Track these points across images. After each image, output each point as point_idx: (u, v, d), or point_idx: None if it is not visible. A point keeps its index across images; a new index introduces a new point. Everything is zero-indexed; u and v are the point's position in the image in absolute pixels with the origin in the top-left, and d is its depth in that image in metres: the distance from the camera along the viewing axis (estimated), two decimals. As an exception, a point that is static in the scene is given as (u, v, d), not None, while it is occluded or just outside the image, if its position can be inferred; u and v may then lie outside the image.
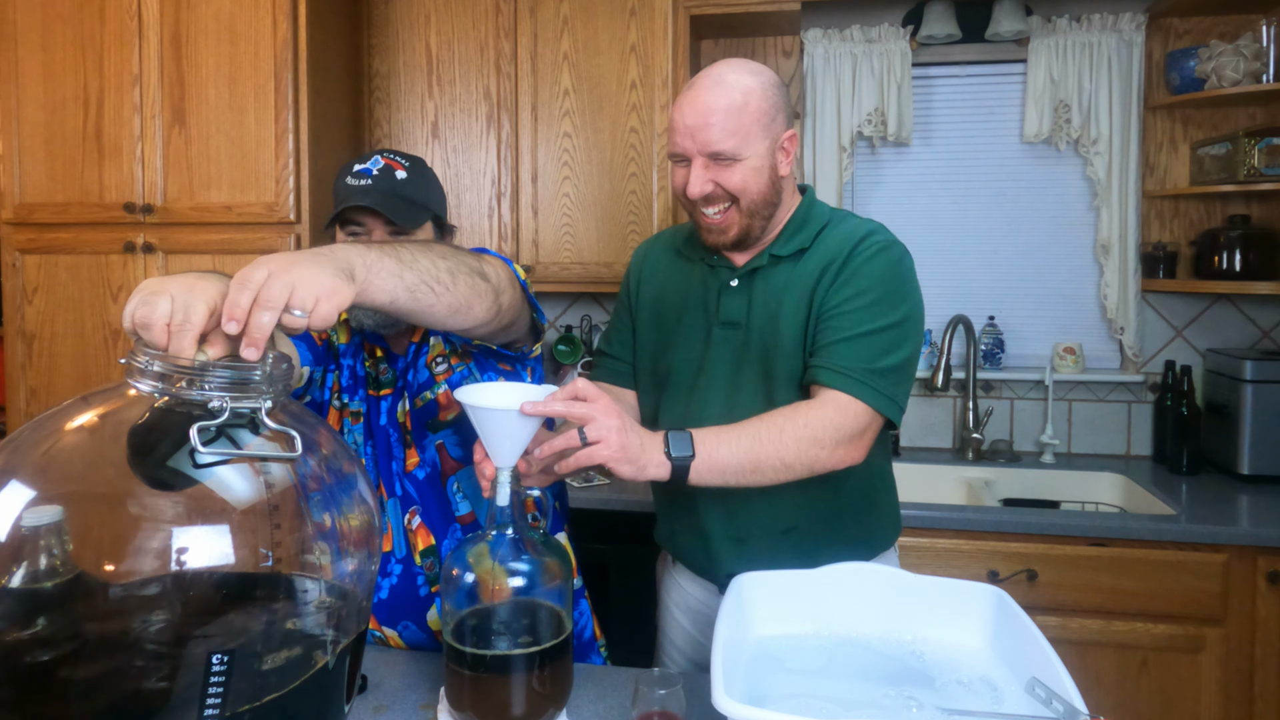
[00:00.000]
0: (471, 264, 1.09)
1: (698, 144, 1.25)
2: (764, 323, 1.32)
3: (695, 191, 1.27)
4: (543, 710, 1.03)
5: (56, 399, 2.47)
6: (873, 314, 1.25)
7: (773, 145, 1.28)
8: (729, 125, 1.23)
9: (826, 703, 1.00)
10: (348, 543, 0.89)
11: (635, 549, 2.23)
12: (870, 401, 1.22)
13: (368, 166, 1.33)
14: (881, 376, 1.23)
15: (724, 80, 1.25)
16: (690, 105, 1.25)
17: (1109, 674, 2.06)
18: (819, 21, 2.72)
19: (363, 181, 1.31)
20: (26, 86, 2.44)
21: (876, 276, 1.27)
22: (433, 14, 2.62)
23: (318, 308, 0.81)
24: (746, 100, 1.24)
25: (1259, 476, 2.33)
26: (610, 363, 1.51)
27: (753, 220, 1.30)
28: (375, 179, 1.32)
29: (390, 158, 1.36)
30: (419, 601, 1.38)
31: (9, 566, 0.77)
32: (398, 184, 1.33)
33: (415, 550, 1.39)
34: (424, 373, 1.38)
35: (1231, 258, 2.44)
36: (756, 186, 1.27)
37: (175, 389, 0.78)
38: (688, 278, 1.42)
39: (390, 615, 1.39)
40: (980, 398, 2.71)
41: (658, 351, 1.43)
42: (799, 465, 1.18)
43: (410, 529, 1.39)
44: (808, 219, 1.35)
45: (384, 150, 1.38)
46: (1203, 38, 2.54)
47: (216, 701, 0.74)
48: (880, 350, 1.24)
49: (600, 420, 1.06)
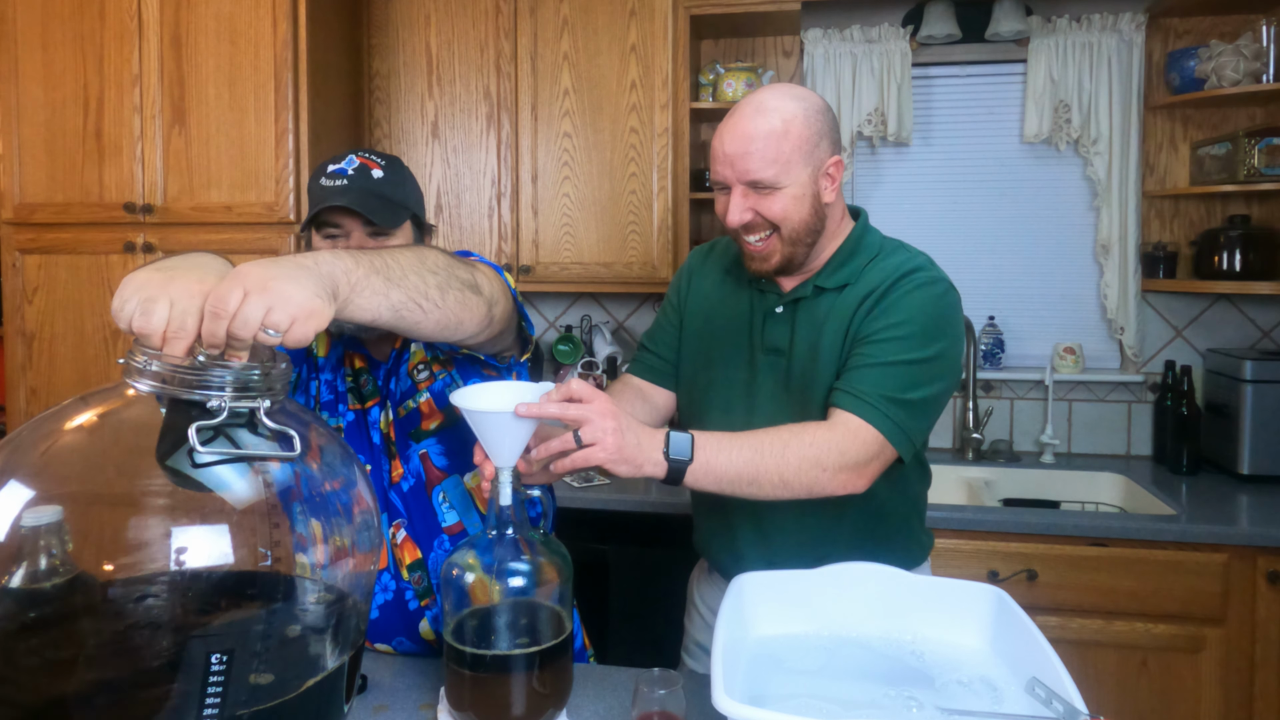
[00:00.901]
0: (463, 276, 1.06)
1: (737, 172, 1.24)
2: (805, 351, 1.31)
3: (735, 220, 1.26)
4: (543, 710, 1.03)
5: (56, 399, 2.47)
6: (905, 346, 1.22)
7: (815, 172, 1.25)
8: (769, 153, 1.21)
9: (826, 703, 1.00)
10: (347, 542, 0.89)
11: (635, 549, 2.23)
12: (883, 429, 1.18)
13: (343, 166, 1.30)
14: (900, 407, 1.20)
15: (765, 107, 1.23)
16: (730, 132, 1.24)
17: (1109, 674, 2.06)
18: (819, 21, 2.72)
19: (338, 182, 1.28)
20: (26, 86, 2.44)
21: (915, 310, 1.24)
22: (433, 14, 2.62)
23: (293, 329, 0.78)
24: (788, 127, 1.22)
25: (1259, 476, 2.33)
26: (651, 359, 1.50)
27: (795, 248, 1.28)
28: (351, 178, 1.28)
29: (366, 157, 1.32)
30: (409, 615, 1.35)
31: (9, 566, 0.77)
32: (375, 183, 1.29)
33: (402, 565, 1.35)
34: (406, 381, 1.35)
35: (1231, 258, 2.43)
36: (798, 215, 1.25)
37: (174, 389, 0.78)
38: (736, 298, 1.41)
39: (382, 633, 1.36)
40: (980, 398, 2.71)
41: (700, 363, 1.43)
42: (798, 484, 1.15)
43: (395, 543, 1.35)
44: (856, 250, 1.33)
45: (359, 150, 1.34)
46: (1203, 38, 2.54)
47: (215, 701, 0.74)
48: (906, 382, 1.21)
49: (596, 422, 1.05)
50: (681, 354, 1.47)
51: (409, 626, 1.35)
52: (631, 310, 2.92)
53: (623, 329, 2.93)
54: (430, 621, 1.35)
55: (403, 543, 1.35)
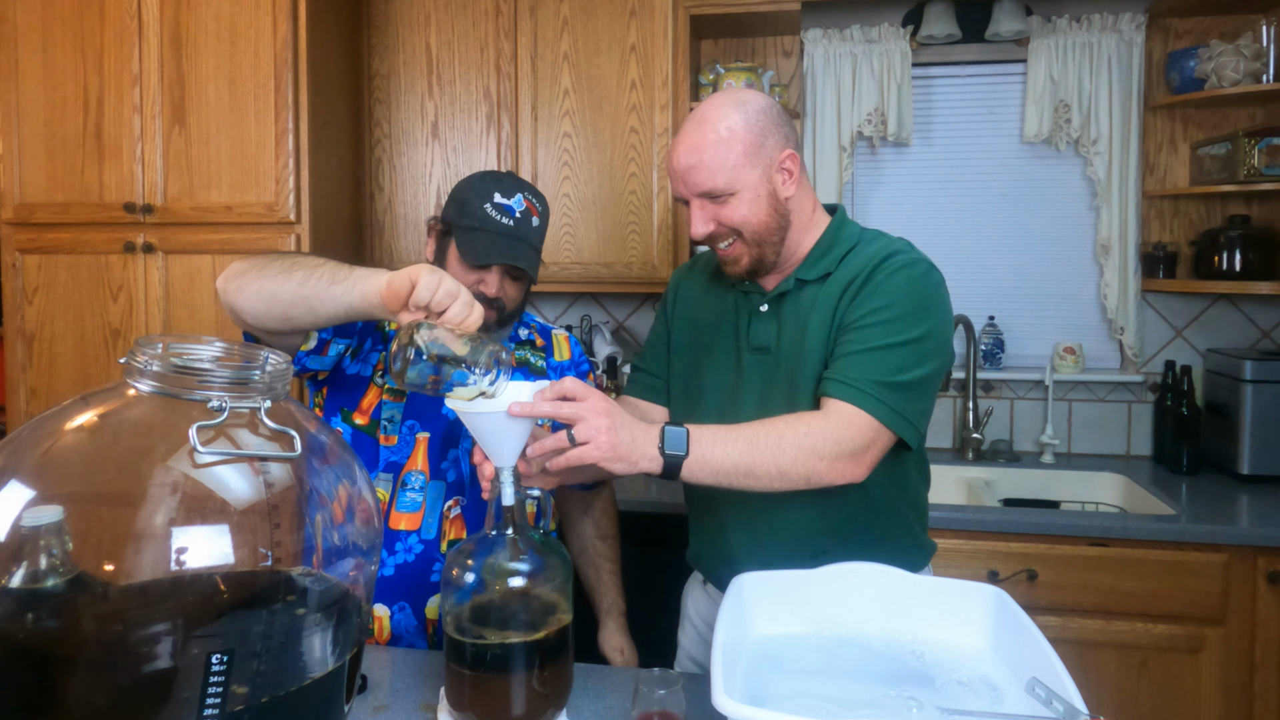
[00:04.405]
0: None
1: (689, 186, 1.25)
2: (791, 347, 1.31)
3: (697, 233, 1.27)
4: (543, 710, 1.03)
5: (56, 399, 2.47)
6: (891, 329, 1.22)
7: (768, 170, 1.26)
8: (715, 163, 1.22)
9: (826, 703, 1.00)
10: (347, 541, 0.89)
11: (635, 550, 2.23)
12: (878, 415, 1.18)
13: (510, 205, 1.34)
14: (893, 391, 1.19)
15: (705, 119, 1.25)
16: (676, 149, 1.26)
17: (1109, 674, 2.06)
18: (819, 21, 2.72)
19: (505, 220, 1.33)
20: (26, 86, 2.44)
21: (899, 292, 1.24)
22: (433, 14, 2.62)
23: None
24: (730, 134, 1.23)
25: (1259, 476, 2.33)
26: (644, 378, 1.51)
27: (763, 249, 1.29)
28: (518, 222, 1.34)
29: (530, 200, 1.36)
30: (427, 587, 1.38)
31: (9, 566, 0.77)
32: (532, 232, 1.35)
33: (445, 537, 1.39)
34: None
35: (1231, 258, 2.43)
36: (757, 217, 1.26)
37: (175, 389, 0.78)
38: (721, 302, 1.42)
39: (391, 593, 1.38)
40: (980, 398, 2.71)
41: (690, 373, 1.43)
42: (795, 475, 1.15)
43: (448, 516, 1.40)
44: (835, 242, 1.33)
45: (525, 187, 1.38)
46: (1203, 38, 2.54)
47: (216, 701, 0.74)
48: (896, 366, 1.20)
49: (589, 420, 1.05)
50: (672, 367, 1.47)
51: (419, 596, 1.38)
52: (631, 310, 2.92)
53: (623, 329, 2.93)
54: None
55: (455, 518, 1.40)
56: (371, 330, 1.43)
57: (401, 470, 1.40)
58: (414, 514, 1.38)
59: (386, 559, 1.38)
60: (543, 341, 1.57)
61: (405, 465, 1.40)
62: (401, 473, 1.40)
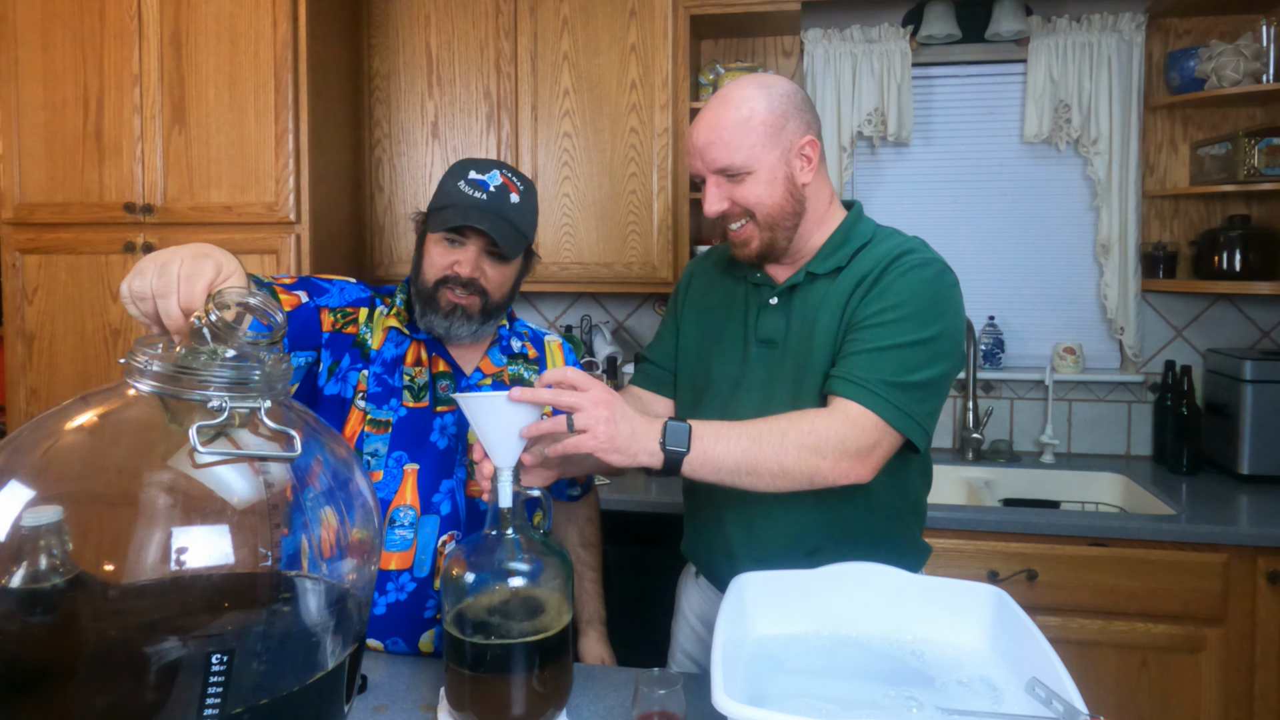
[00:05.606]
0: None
1: (706, 162, 1.25)
2: (799, 340, 1.30)
3: (712, 210, 1.27)
4: (543, 710, 1.03)
5: (56, 399, 2.47)
6: (901, 329, 1.20)
7: (786, 153, 1.25)
8: (734, 140, 1.22)
9: (826, 703, 1.00)
10: (347, 542, 0.89)
11: (635, 550, 2.23)
12: (885, 415, 1.16)
13: (485, 179, 1.31)
14: (901, 391, 1.17)
15: (729, 98, 1.25)
16: (697, 125, 1.26)
17: (1109, 674, 2.06)
18: (819, 21, 2.72)
19: (478, 194, 1.30)
20: (26, 86, 2.44)
21: (910, 292, 1.22)
22: (433, 14, 2.62)
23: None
24: (751, 113, 1.23)
25: (1259, 476, 2.33)
26: (650, 369, 1.50)
27: (774, 233, 1.28)
28: (491, 196, 1.31)
29: (508, 176, 1.34)
30: (419, 622, 1.34)
31: (9, 566, 0.77)
32: (510, 208, 1.32)
33: (439, 574, 1.33)
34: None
35: (1231, 258, 2.43)
36: (771, 199, 1.25)
37: (175, 389, 0.78)
38: (731, 294, 1.41)
39: (383, 630, 1.34)
40: (980, 398, 2.71)
41: (698, 365, 1.42)
42: (798, 473, 1.13)
43: (442, 551, 1.34)
44: (849, 237, 1.32)
45: (502, 165, 1.36)
46: (1203, 38, 2.54)
47: (216, 702, 0.74)
48: (904, 366, 1.18)
49: (589, 410, 1.05)
50: (680, 359, 1.47)
51: (412, 631, 1.34)
52: (631, 310, 2.92)
53: (623, 329, 2.93)
54: (435, 639, 1.35)
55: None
56: (348, 346, 1.36)
57: (389, 507, 1.33)
58: (405, 552, 1.32)
59: (378, 599, 1.32)
60: (535, 352, 1.52)
61: (393, 501, 1.33)
62: (389, 510, 1.33)
